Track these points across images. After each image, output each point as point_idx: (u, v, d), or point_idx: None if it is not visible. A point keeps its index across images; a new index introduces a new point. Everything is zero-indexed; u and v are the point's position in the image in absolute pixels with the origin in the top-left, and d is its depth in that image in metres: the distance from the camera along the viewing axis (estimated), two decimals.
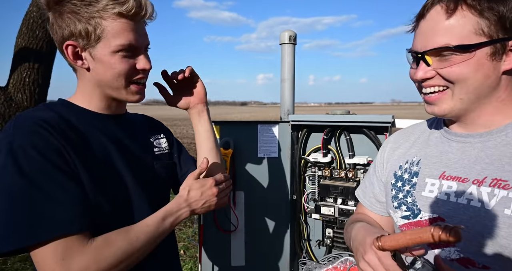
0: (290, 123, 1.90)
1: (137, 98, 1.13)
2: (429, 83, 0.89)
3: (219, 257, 1.99)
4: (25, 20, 3.86)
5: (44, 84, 4.01)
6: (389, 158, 1.14)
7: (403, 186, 1.03)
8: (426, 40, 0.85)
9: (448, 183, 0.91)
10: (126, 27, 1.01)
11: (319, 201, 1.87)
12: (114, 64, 1.03)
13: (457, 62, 0.83)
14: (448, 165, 0.94)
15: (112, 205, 1.05)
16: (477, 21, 0.80)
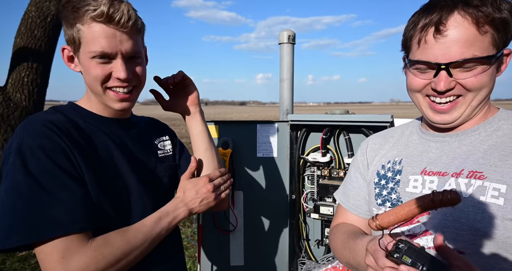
0: (289, 123, 1.90)
1: (119, 106, 1.11)
2: (448, 93, 0.92)
3: (218, 257, 1.99)
4: (24, 20, 3.85)
5: (43, 84, 4.00)
6: (372, 159, 1.18)
7: (387, 183, 1.08)
8: (450, 51, 0.87)
9: (430, 178, 0.98)
10: (99, 34, 1.01)
11: (318, 201, 1.87)
12: (89, 69, 1.05)
13: (480, 72, 0.88)
14: (429, 162, 1.01)
15: (116, 206, 1.08)
16: (492, 33, 0.86)
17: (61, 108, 1.13)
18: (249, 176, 1.96)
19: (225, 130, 1.93)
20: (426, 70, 0.93)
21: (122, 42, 1.05)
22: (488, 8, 0.84)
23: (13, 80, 3.82)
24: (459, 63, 0.87)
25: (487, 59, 0.86)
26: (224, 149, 1.89)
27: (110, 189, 1.07)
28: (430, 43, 0.89)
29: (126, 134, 1.20)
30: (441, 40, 0.87)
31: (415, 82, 0.97)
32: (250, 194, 1.96)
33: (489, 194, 0.87)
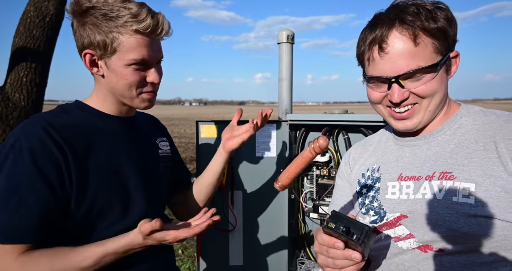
0: (288, 123, 1.90)
1: (146, 105, 1.20)
2: (404, 103, 0.98)
3: (217, 257, 1.98)
4: (23, 20, 3.85)
5: (42, 84, 4.00)
6: (353, 169, 1.23)
7: (368, 191, 1.12)
8: (397, 65, 0.93)
9: (406, 183, 1.03)
10: (141, 43, 1.09)
11: (317, 200, 1.87)
12: (126, 76, 1.10)
13: (428, 80, 0.94)
14: (404, 167, 1.06)
15: (112, 204, 1.11)
16: (432, 42, 0.93)
17: (68, 107, 1.17)
18: (248, 176, 1.96)
19: (222, 129, 1.90)
20: (380, 84, 1.00)
21: (156, 50, 1.14)
22: (422, 22, 0.91)
23: (11, 80, 3.81)
24: (408, 75, 0.93)
25: (432, 67, 0.93)
26: None
27: (108, 186, 1.10)
28: (377, 60, 0.96)
29: (130, 132, 1.24)
30: (386, 56, 0.94)
31: (373, 96, 1.04)
32: (249, 193, 1.96)
33: (460, 194, 0.90)
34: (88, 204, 1.06)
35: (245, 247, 1.98)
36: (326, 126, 1.83)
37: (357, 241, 0.81)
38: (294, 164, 1.04)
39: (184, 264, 3.88)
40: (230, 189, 1.94)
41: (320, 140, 0.96)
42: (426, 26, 0.91)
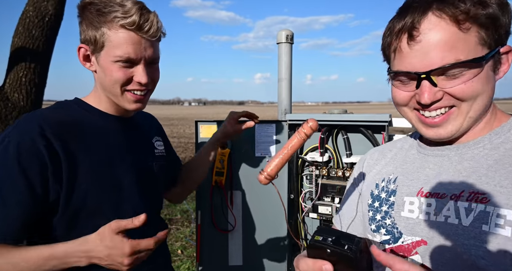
0: (288, 123, 1.90)
1: (134, 107, 1.18)
2: (436, 105, 0.81)
3: (217, 257, 1.99)
4: (22, 20, 3.84)
5: (41, 84, 3.99)
6: (367, 176, 1.07)
7: (381, 206, 0.95)
8: (429, 58, 0.76)
9: (427, 201, 0.84)
10: (127, 40, 1.08)
11: (317, 201, 1.87)
12: (111, 72, 1.10)
13: (470, 78, 0.76)
14: (426, 181, 0.87)
15: (103, 203, 1.12)
16: (478, 31, 0.75)
17: (66, 104, 1.18)
18: (248, 176, 1.96)
19: None
20: (408, 81, 0.83)
21: (146, 49, 1.11)
22: (467, 5, 0.73)
23: (11, 80, 3.81)
24: (442, 70, 0.76)
25: (474, 62, 0.74)
26: (222, 149, 1.89)
27: (99, 188, 1.10)
28: (405, 51, 0.80)
29: (127, 132, 1.24)
30: (416, 46, 0.77)
31: (398, 96, 0.87)
32: (249, 193, 1.97)
33: (493, 221, 0.72)
34: (78, 203, 1.06)
35: (244, 247, 1.98)
36: (325, 126, 1.83)
37: (349, 251, 0.69)
38: (281, 151, 0.93)
39: (184, 264, 3.87)
40: (229, 189, 1.95)
41: (310, 122, 0.90)
42: (472, 10, 0.73)
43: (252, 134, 1.93)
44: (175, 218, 5.47)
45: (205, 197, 1.95)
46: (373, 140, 1.72)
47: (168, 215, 5.57)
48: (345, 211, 1.10)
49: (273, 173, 0.93)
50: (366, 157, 1.12)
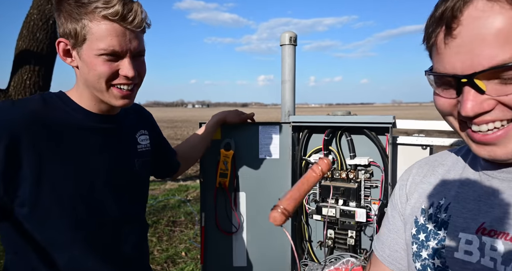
0: (291, 125, 1.90)
1: (121, 103, 1.13)
2: (485, 118, 0.61)
3: (221, 258, 1.99)
4: (26, 23, 3.87)
5: (45, 86, 4.02)
6: (411, 195, 0.85)
7: (427, 240, 0.75)
8: (472, 57, 0.58)
9: (491, 241, 0.64)
10: (111, 32, 1.02)
11: (320, 202, 1.87)
12: (95, 66, 1.04)
13: None
14: (489, 213, 0.67)
15: (74, 203, 1.09)
16: None
17: (48, 96, 1.12)
18: (252, 177, 1.96)
19: (227, 131, 1.93)
20: (448, 86, 0.65)
21: (131, 41, 1.06)
22: None
23: (15, 83, 3.83)
24: (493, 72, 0.57)
25: None
26: (226, 150, 1.89)
27: (71, 187, 1.08)
28: (441, 48, 0.62)
29: (109, 131, 1.20)
30: (453, 43, 0.60)
31: (439, 103, 0.68)
32: (253, 195, 1.97)
33: None
34: (45, 202, 1.05)
35: (249, 249, 1.98)
36: (329, 128, 1.82)
37: None
38: (299, 186, 0.79)
39: (188, 266, 3.87)
40: (233, 191, 1.95)
41: (326, 159, 0.76)
42: None
43: (256, 136, 1.93)
44: (179, 220, 5.48)
45: (210, 199, 1.95)
46: (377, 141, 1.72)
47: (172, 217, 5.58)
48: (387, 238, 0.91)
49: (291, 208, 0.74)
50: (412, 170, 0.90)
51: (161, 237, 4.80)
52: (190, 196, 6.91)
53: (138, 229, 1.32)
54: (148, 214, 5.74)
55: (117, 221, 1.21)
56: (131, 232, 1.26)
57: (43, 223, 1.08)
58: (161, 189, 7.59)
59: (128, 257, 1.26)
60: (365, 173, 1.78)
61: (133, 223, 1.30)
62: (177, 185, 7.93)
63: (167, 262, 4.03)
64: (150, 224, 5.24)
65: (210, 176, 1.92)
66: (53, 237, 1.09)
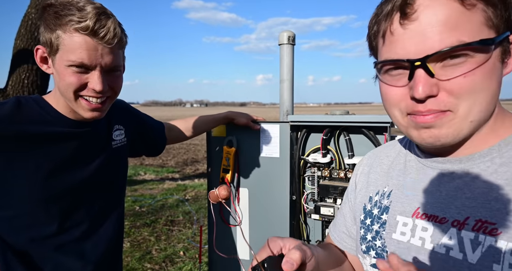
0: (289, 124, 1.90)
1: (89, 115, 1.13)
2: (429, 106, 0.64)
3: (225, 251, 2.07)
4: (24, 22, 3.86)
5: (43, 85, 4.01)
6: (359, 185, 0.93)
7: (372, 224, 0.83)
8: (426, 39, 0.61)
9: (422, 223, 0.72)
10: (81, 45, 1.03)
11: (319, 202, 1.87)
12: (65, 76, 1.06)
13: (472, 67, 0.61)
14: (424, 199, 0.74)
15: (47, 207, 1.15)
16: (484, 9, 0.61)
17: (25, 101, 1.14)
18: (254, 175, 2.01)
19: (229, 129, 2.00)
20: (399, 73, 0.68)
21: (103, 55, 1.06)
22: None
23: (13, 82, 3.82)
24: (441, 55, 0.61)
25: (481, 44, 0.60)
26: (228, 147, 1.97)
27: (41, 191, 1.12)
28: (398, 34, 0.65)
29: (84, 134, 1.22)
30: (411, 26, 0.63)
31: (387, 93, 0.71)
32: (255, 191, 2.02)
33: (507, 261, 0.59)
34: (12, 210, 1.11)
35: (251, 242, 2.03)
36: (327, 128, 1.82)
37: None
38: None
39: (186, 265, 3.87)
40: (237, 186, 2.03)
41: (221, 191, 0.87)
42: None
43: (257, 135, 1.96)
44: (177, 219, 5.48)
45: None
46: (375, 141, 1.72)
47: (170, 217, 5.58)
48: (337, 224, 1.01)
49: None
50: (363, 161, 0.98)
51: (160, 236, 4.80)
52: (189, 195, 6.91)
53: (111, 230, 1.36)
54: (146, 213, 5.74)
55: (88, 221, 1.26)
56: (104, 231, 1.33)
57: (14, 233, 1.13)
58: (160, 188, 7.59)
59: (100, 257, 1.30)
60: None
61: (107, 223, 1.34)
62: (175, 184, 7.93)
63: (165, 261, 4.03)
64: (149, 223, 5.24)
65: (216, 169, 2.04)
66: (23, 240, 1.14)
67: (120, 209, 1.42)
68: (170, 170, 9.97)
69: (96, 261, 1.27)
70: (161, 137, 1.70)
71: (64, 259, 1.20)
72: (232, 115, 1.91)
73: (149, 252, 4.29)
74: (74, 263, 1.22)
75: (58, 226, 1.16)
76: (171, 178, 8.82)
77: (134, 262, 3.99)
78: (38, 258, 1.16)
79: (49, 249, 1.17)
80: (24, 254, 1.14)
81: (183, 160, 11.87)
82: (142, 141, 1.60)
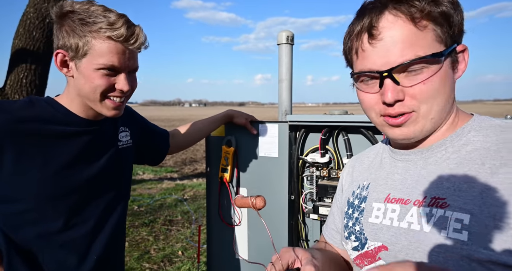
0: (288, 124, 1.90)
1: (112, 113, 1.22)
2: (398, 110, 0.79)
3: (224, 250, 2.08)
4: (22, 21, 3.85)
5: (42, 85, 4.00)
6: (345, 184, 1.09)
7: (353, 213, 0.97)
8: (389, 55, 0.77)
9: (392, 206, 0.86)
10: (112, 50, 1.13)
11: (317, 201, 1.87)
12: (93, 79, 1.14)
13: (429, 75, 0.76)
14: (393, 186, 0.89)
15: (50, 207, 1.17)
16: (433, 29, 0.77)
17: (37, 101, 1.20)
18: (253, 174, 2.01)
19: (228, 129, 2.00)
20: (371, 82, 0.83)
21: (129, 59, 1.17)
22: (421, 3, 0.75)
23: (11, 81, 3.81)
24: (403, 67, 0.77)
25: (433, 57, 0.75)
26: (227, 147, 1.97)
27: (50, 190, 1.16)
28: (368, 51, 0.80)
29: (93, 132, 1.28)
30: (378, 44, 0.78)
31: (364, 99, 0.86)
32: (254, 191, 2.01)
33: (451, 226, 0.73)
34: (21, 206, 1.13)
35: (249, 242, 2.05)
36: (326, 127, 1.83)
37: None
38: None
39: (184, 265, 3.87)
40: (235, 186, 2.03)
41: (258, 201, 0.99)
42: (426, 8, 0.75)
43: (256, 135, 1.96)
44: (175, 219, 5.48)
45: (215, 192, 2.08)
46: (374, 140, 1.72)
47: (169, 216, 5.58)
48: (328, 223, 1.16)
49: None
50: (346, 165, 1.15)
51: (158, 236, 4.80)
52: (187, 195, 6.92)
53: (116, 228, 1.39)
54: (145, 213, 5.73)
55: (94, 219, 1.29)
56: (109, 229, 1.36)
57: (19, 228, 1.15)
58: (158, 188, 7.59)
59: (103, 254, 1.33)
60: None
61: (112, 221, 1.37)
62: (174, 184, 7.93)
63: (163, 261, 4.03)
64: (147, 223, 5.24)
65: (215, 169, 2.04)
66: (30, 236, 1.16)
67: (125, 208, 1.45)
68: (169, 169, 9.97)
69: (100, 258, 1.29)
70: (165, 143, 1.73)
71: (69, 256, 1.23)
72: (232, 113, 1.93)
73: (147, 252, 4.29)
74: (78, 260, 1.24)
75: (65, 223, 1.19)
76: (170, 178, 8.82)
77: (133, 262, 3.99)
78: (43, 255, 1.18)
79: (55, 245, 1.19)
80: (29, 251, 1.16)
81: (182, 159, 11.87)
82: (146, 146, 1.63)
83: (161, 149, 1.73)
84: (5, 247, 1.13)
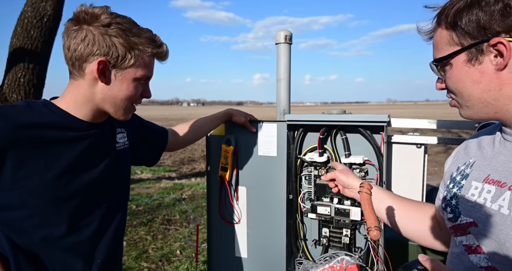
0: (286, 123, 1.90)
1: (127, 117, 1.30)
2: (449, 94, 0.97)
3: (224, 248, 2.09)
4: (20, 20, 3.85)
5: (39, 84, 4.00)
6: (454, 160, 1.13)
7: (453, 188, 1.02)
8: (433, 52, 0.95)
9: (488, 187, 0.89)
10: (152, 64, 1.25)
11: (315, 201, 1.87)
12: (131, 88, 1.21)
13: (447, 74, 0.92)
14: (495, 167, 0.91)
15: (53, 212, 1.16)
16: (449, 34, 0.89)
17: (36, 105, 1.17)
18: (252, 173, 2.01)
19: (228, 128, 2.01)
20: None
21: (153, 69, 1.28)
22: (440, 18, 0.92)
23: (9, 80, 3.81)
24: (440, 64, 0.94)
25: (439, 61, 0.93)
26: (227, 146, 1.98)
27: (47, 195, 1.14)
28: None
29: (94, 135, 1.26)
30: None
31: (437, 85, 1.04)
32: (253, 190, 2.02)
33: None
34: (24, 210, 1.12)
35: (248, 241, 2.06)
36: (324, 127, 1.83)
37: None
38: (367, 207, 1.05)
39: (182, 264, 3.87)
40: (235, 184, 2.05)
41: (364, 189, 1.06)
42: (442, 22, 0.91)
43: (255, 134, 1.97)
44: (174, 218, 5.47)
45: (215, 190, 2.10)
46: (372, 140, 1.72)
47: (167, 216, 5.57)
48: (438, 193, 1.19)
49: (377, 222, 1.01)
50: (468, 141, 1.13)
51: (156, 235, 4.80)
52: (185, 194, 6.91)
53: (117, 230, 1.38)
54: (143, 212, 5.73)
55: (97, 222, 1.29)
56: (112, 231, 1.35)
57: (24, 233, 1.14)
58: (156, 187, 7.58)
59: (105, 257, 1.32)
60: (360, 172, 1.79)
61: (113, 224, 1.37)
62: (172, 183, 7.92)
63: (162, 260, 4.03)
64: (145, 222, 5.23)
65: (215, 168, 2.05)
66: (34, 241, 1.15)
67: (125, 210, 1.45)
68: (167, 169, 9.96)
69: (104, 260, 1.29)
70: (162, 140, 1.74)
71: (73, 260, 1.22)
72: (232, 112, 1.95)
73: (145, 251, 4.29)
74: (82, 264, 1.24)
75: (69, 227, 1.18)
76: (168, 177, 8.82)
77: (131, 261, 3.99)
78: (48, 260, 1.17)
79: (59, 250, 1.19)
80: (34, 256, 1.15)
81: (180, 159, 11.86)
82: (143, 145, 1.63)
83: (158, 147, 1.73)
84: (12, 253, 1.12)
